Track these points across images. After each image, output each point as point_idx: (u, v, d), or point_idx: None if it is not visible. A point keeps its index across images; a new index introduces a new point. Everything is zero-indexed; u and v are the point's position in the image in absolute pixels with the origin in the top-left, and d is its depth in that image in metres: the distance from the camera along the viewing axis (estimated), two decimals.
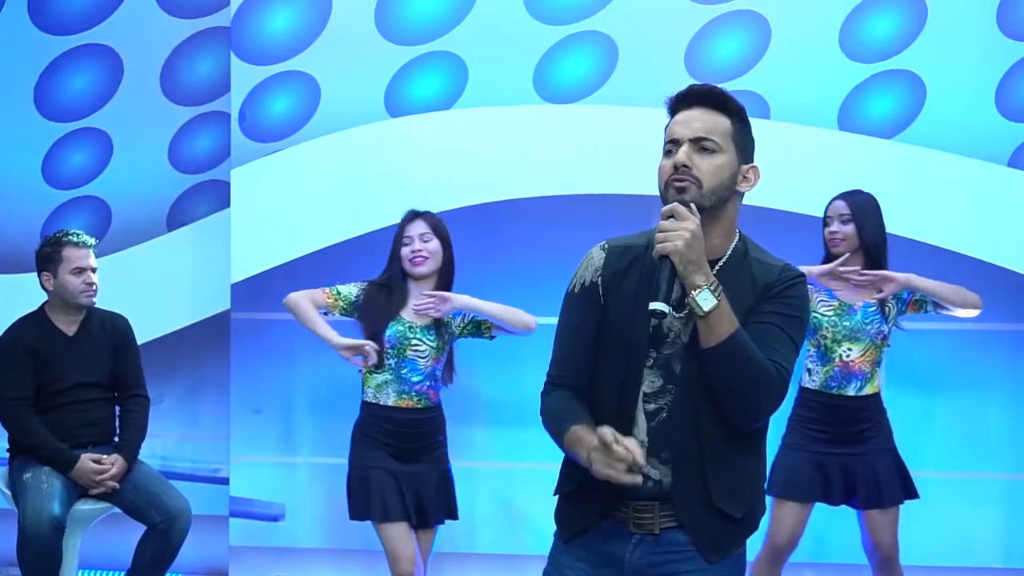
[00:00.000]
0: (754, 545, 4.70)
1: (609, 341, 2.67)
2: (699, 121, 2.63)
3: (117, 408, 5.02)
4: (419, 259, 4.57)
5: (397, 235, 4.64)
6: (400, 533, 4.50)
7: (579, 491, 2.69)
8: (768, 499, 4.62)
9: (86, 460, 4.79)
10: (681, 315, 2.60)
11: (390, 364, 4.55)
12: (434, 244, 4.59)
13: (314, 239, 5.46)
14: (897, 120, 5.29)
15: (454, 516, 4.69)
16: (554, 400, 2.73)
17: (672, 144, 2.64)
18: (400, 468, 4.52)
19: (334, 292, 4.67)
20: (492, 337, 4.71)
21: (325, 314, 4.67)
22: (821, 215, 4.77)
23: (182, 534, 4.83)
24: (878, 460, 4.64)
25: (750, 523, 2.71)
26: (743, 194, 2.70)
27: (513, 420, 5.17)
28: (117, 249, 5.88)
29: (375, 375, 4.57)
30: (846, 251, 4.62)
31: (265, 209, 5.50)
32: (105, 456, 4.83)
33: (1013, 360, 5.28)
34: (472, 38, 5.42)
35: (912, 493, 4.71)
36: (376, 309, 4.60)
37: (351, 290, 4.66)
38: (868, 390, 4.63)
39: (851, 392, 4.60)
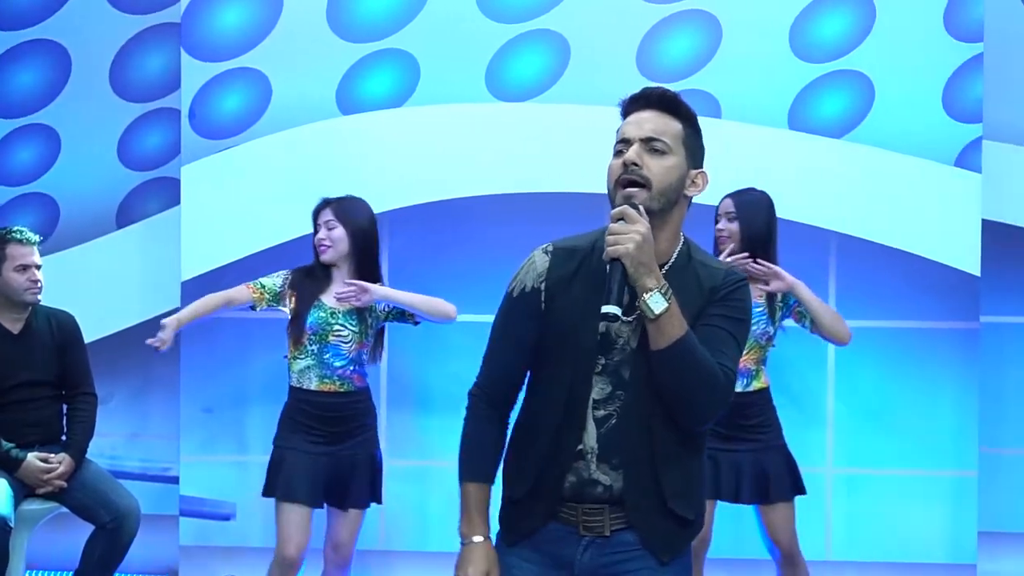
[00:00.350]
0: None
1: (556, 347, 2.65)
2: (651, 122, 2.62)
3: (64, 407, 4.98)
4: (322, 247, 4.66)
5: (313, 225, 4.73)
6: (296, 517, 4.57)
7: (527, 496, 2.68)
8: None
9: (33, 459, 4.75)
10: (630, 320, 2.59)
11: (312, 349, 4.62)
12: (338, 232, 4.65)
13: (265, 237, 5.44)
14: (846, 120, 5.33)
15: (378, 500, 4.74)
16: (476, 425, 2.76)
17: (623, 144, 2.63)
18: (321, 451, 4.58)
19: (258, 285, 4.72)
20: (416, 323, 4.79)
21: (252, 308, 4.73)
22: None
23: (131, 534, 4.81)
24: (767, 457, 4.65)
25: (697, 525, 2.73)
26: (691, 199, 2.70)
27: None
28: (66, 247, 5.84)
29: (298, 360, 4.64)
30: (732, 248, 4.64)
31: (216, 206, 5.47)
32: (53, 455, 4.79)
33: (959, 358, 5.34)
34: (424, 36, 5.41)
35: (800, 489, 4.72)
36: (298, 295, 4.67)
37: (275, 280, 4.73)
38: (755, 385, 4.65)
39: (738, 388, 4.62)
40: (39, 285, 4.87)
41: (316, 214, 4.72)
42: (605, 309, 2.46)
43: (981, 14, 5.28)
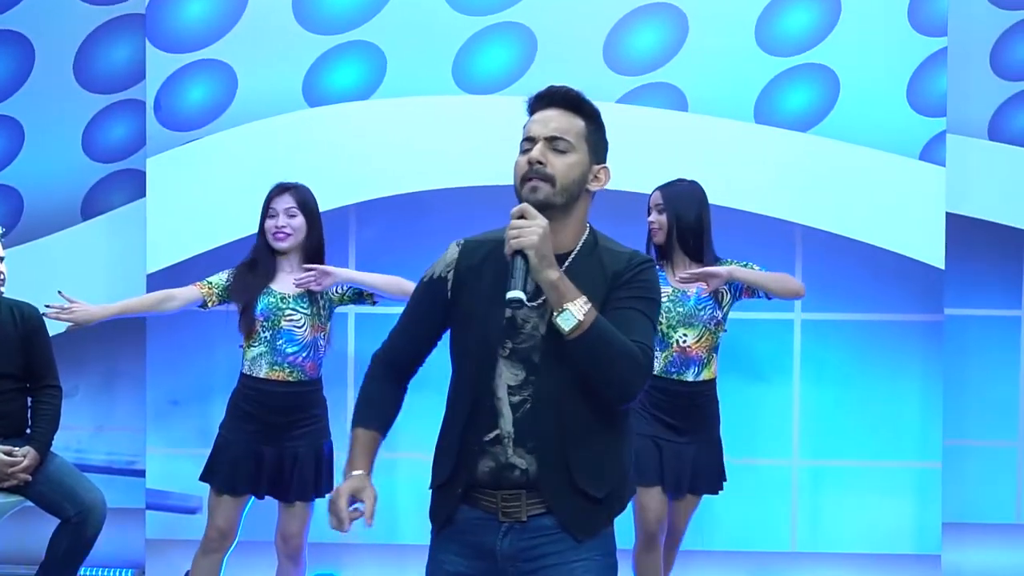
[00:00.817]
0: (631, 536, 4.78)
1: (464, 334, 2.79)
2: (555, 121, 2.75)
3: (29, 400, 4.95)
4: (281, 234, 4.62)
5: (263, 207, 4.68)
6: (228, 506, 4.62)
7: (447, 483, 2.79)
8: None
9: None
10: (536, 305, 2.69)
11: (265, 336, 4.60)
12: (299, 220, 4.64)
13: (231, 229, 5.41)
14: (812, 113, 5.36)
15: (321, 494, 4.67)
16: (370, 383, 2.91)
17: (528, 142, 2.76)
18: (263, 442, 4.58)
19: (206, 283, 4.72)
20: (375, 302, 4.79)
21: (202, 306, 4.72)
22: (737, 207, 4.84)
23: (97, 527, 4.78)
24: (705, 450, 4.70)
25: (615, 502, 2.80)
26: (593, 193, 2.83)
27: (434, 412, 5.18)
28: (30, 239, 5.80)
29: (252, 348, 4.62)
30: (662, 240, 4.69)
31: (181, 198, 5.45)
32: (17, 448, 4.76)
33: (923, 350, 5.37)
34: (391, 28, 5.40)
35: (722, 485, 4.76)
36: (245, 285, 4.64)
37: (221, 276, 4.72)
38: (705, 375, 4.68)
39: (690, 377, 4.65)
40: (2, 277, 4.84)
41: (271, 200, 4.67)
42: (510, 295, 2.57)
43: (945, 8, 5.31)
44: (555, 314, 2.60)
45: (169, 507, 5.53)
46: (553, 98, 2.79)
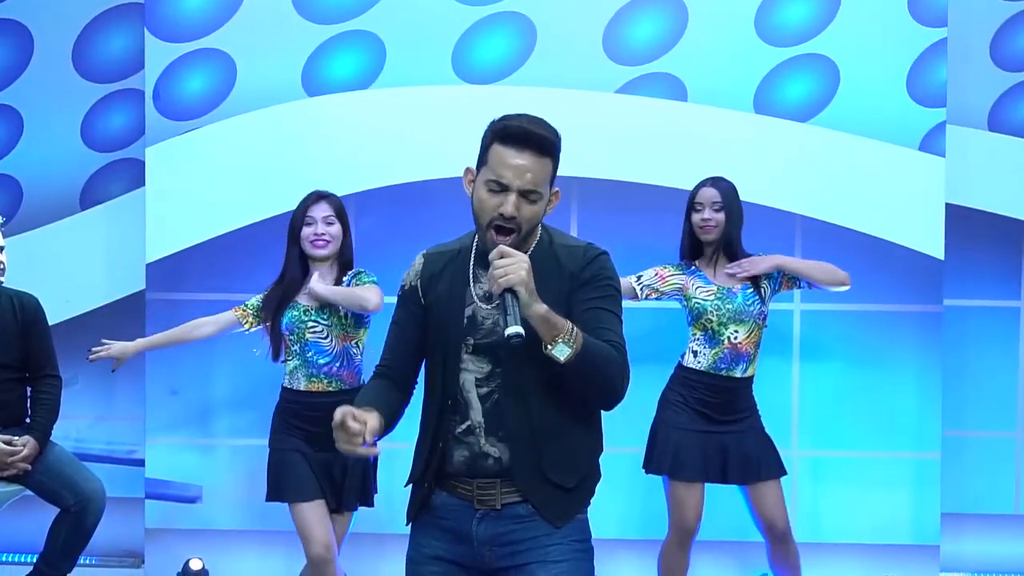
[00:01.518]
0: (661, 531, 4.79)
1: (433, 335, 2.91)
2: (530, 172, 2.76)
3: (29, 389, 4.95)
4: (320, 242, 4.60)
5: (298, 215, 4.64)
6: (313, 514, 4.52)
7: (422, 473, 2.91)
8: (663, 481, 4.69)
9: None
10: (493, 306, 2.82)
11: (295, 350, 4.60)
12: (336, 228, 4.63)
13: (230, 219, 5.42)
14: (812, 104, 5.35)
15: (368, 503, 4.68)
16: (368, 386, 3.01)
17: (498, 186, 2.78)
18: (313, 453, 4.54)
19: (242, 307, 4.74)
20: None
21: (243, 328, 4.72)
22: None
23: (96, 516, 4.79)
24: (749, 438, 4.73)
25: (585, 491, 2.91)
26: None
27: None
28: (29, 228, 5.80)
29: (289, 361, 4.62)
30: (716, 237, 4.71)
31: (180, 188, 5.45)
32: (16, 437, 4.76)
33: (922, 341, 5.37)
34: (390, 17, 5.40)
35: (783, 469, 4.79)
36: (273, 300, 4.64)
37: (257, 298, 4.72)
38: (751, 371, 4.73)
39: (738, 374, 4.69)
40: (2, 267, 4.83)
41: (308, 207, 4.61)
42: (509, 331, 2.64)
43: None
44: (548, 347, 2.68)
45: (168, 496, 5.53)
46: (530, 142, 2.78)
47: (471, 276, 2.88)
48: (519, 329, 2.63)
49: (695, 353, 4.72)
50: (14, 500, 4.87)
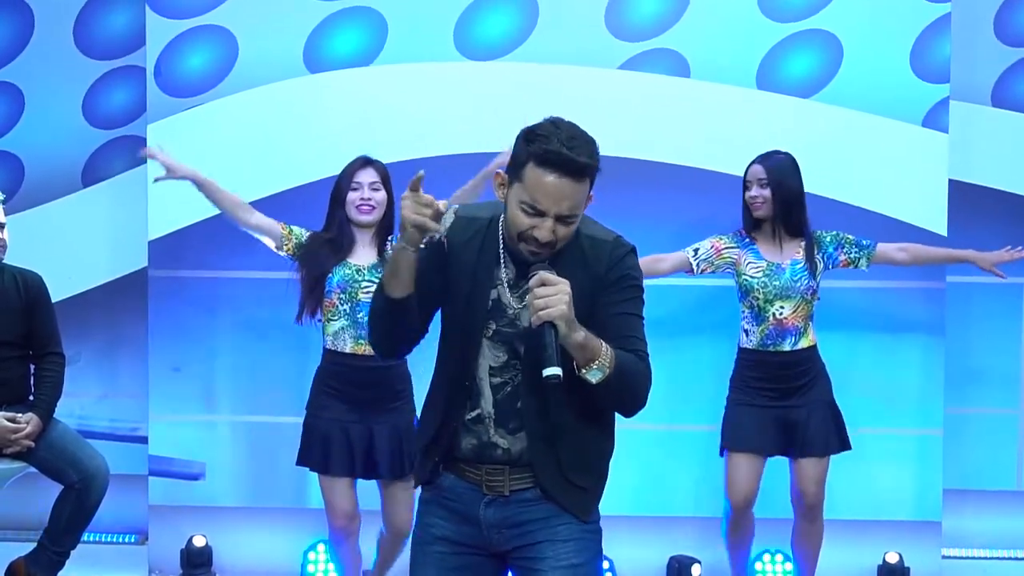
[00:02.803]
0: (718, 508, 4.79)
1: (452, 309, 2.80)
2: (568, 200, 2.64)
3: (32, 367, 4.96)
4: (366, 207, 4.53)
5: (343, 179, 4.58)
6: (338, 487, 4.52)
7: (429, 448, 2.86)
8: (723, 458, 4.74)
9: (0, 419, 4.72)
10: (517, 296, 2.74)
11: (344, 310, 4.51)
12: (382, 194, 4.56)
13: None
14: (814, 80, 5.33)
15: (404, 473, 4.54)
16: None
17: (533, 210, 2.64)
18: (353, 420, 4.49)
19: (288, 228, 4.63)
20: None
21: (278, 248, 4.63)
22: (739, 174, 4.82)
23: (100, 493, 4.79)
24: (815, 411, 4.75)
25: (600, 489, 2.88)
26: None
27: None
28: (31, 205, 5.80)
29: (332, 322, 4.53)
30: (767, 213, 4.72)
31: None
32: (20, 415, 4.76)
33: (925, 317, 5.37)
34: None
35: (846, 444, 4.83)
36: (322, 256, 4.55)
37: (302, 232, 4.62)
38: (803, 344, 4.74)
39: (787, 348, 4.72)
40: (4, 244, 4.83)
41: (355, 172, 4.56)
42: (548, 372, 2.56)
43: None
44: (583, 372, 2.61)
45: (172, 473, 5.54)
46: (570, 169, 2.62)
47: (500, 256, 2.76)
48: (558, 371, 2.55)
49: (746, 332, 4.78)
50: (17, 477, 4.88)
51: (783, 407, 4.72)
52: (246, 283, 5.22)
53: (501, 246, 2.76)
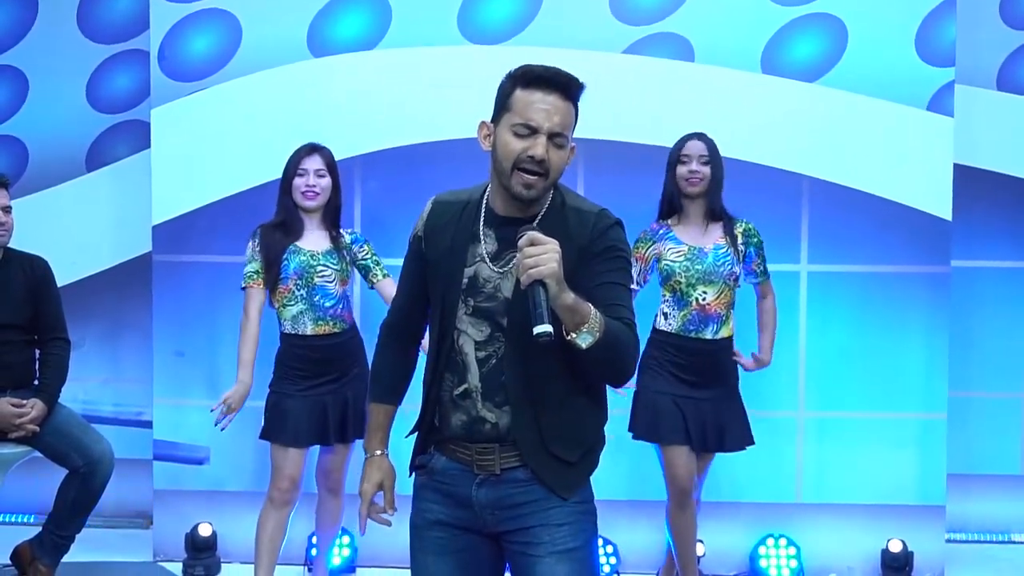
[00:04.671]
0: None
1: (432, 289, 2.87)
2: (558, 115, 2.69)
3: (37, 352, 4.96)
4: (311, 193, 4.66)
5: (290, 166, 4.69)
6: (291, 453, 4.62)
7: (420, 430, 2.91)
8: (654, 448, 4.68)
9: (4, 403, 4.73)
10: (498, 269, 2.77)
11: (300, 294, 4.63)
12: (327, 181, 4.70)
13: (236, 180, 5.41)
14: (819, 63, 5.32)
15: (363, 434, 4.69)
16: (379, 354, 3.06)
17: (526, 129, 2.69)
18: (321, 392, 4.62)
19: (250, 279, 4.65)
20: (371, 286, 4.84)
21: (270, 305, 4.70)
22: (745, 158, 4.81)
23: (105, 478, 4.81)
24: (727, 406, 4.71)
25: (589, 462, 2.88)
26: None
27: None
28: (35, 190, 5.81)
29: (289, 307, 4.64)
30: (702, 191, 4.65)
31: (186, 149, 5.43)
32: (24, 399, 4.77)
33: (929, 302, 5.35)
34: None
35: (750, 439, 4.77)
36: (275, 239, 4.65)
37: (254, 264, 4.64)
38: (724, 333, 4.69)
39: (708, 335, 4.65)
40: (9, 227, 4.83)
41: (301, 159, 4.68)
42: (539, 330, 2.53)
43: None
44: (572, 335, 2.59)
45: (176, 458, 5.55)
46: (557, 85, 2.70)
47: (478, 233, 2.80)
48: (549, 328, 2.52)
49: (665, 315, 4.70)
50: (22, 462, 4.89)
51: (693, 398, 4.63)
52: None
53: (481, 223, 2.81)
